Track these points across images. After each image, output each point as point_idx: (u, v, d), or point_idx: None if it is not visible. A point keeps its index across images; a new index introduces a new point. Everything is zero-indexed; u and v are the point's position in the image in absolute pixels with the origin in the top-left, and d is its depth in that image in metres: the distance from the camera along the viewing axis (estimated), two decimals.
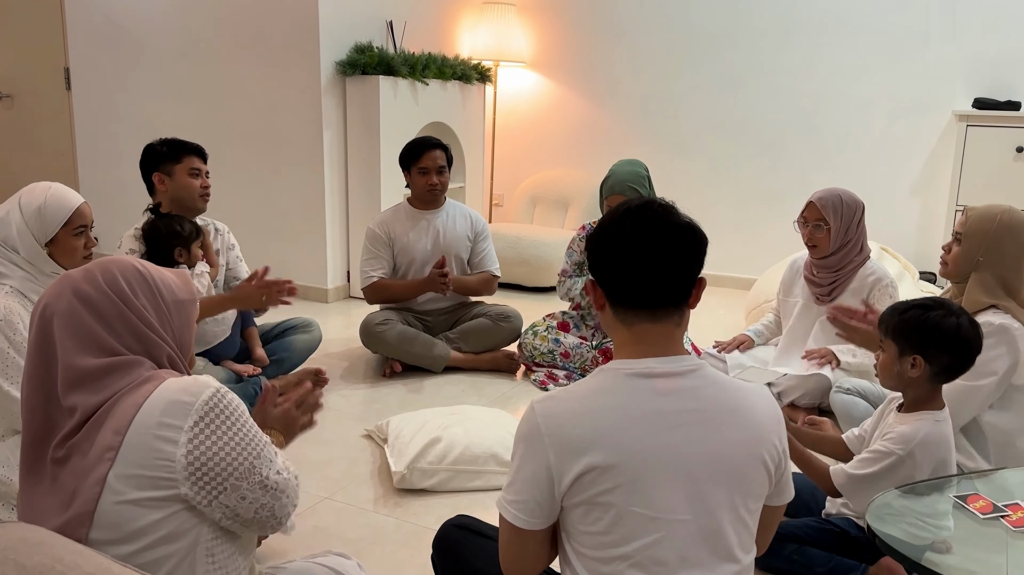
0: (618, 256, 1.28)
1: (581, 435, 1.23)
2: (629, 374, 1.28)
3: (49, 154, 5.67)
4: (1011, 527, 1.58)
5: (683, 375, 1.28)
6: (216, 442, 1.26)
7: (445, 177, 3.58)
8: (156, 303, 1.36)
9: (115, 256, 1.40)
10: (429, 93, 4.91)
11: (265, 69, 4.65)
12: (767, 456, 1.29)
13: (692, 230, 1.30)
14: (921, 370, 1.81)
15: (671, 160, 5.43)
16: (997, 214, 2.24)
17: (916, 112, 4.83)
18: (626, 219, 1.29)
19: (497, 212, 6.02)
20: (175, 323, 1.38)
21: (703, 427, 1.25)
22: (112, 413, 1.24)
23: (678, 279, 1.28)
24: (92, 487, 1.21)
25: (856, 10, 4.87)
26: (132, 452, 1.22)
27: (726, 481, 1.25)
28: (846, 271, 3.04)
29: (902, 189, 4.93)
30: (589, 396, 1.27)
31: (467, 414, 2.74)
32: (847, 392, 2.77)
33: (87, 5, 5.21)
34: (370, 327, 3.53)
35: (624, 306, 1.30)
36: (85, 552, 1.04)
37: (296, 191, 4.70)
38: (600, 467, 1.21)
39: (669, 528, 1.22)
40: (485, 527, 1.64)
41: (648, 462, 1.22)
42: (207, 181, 3.03)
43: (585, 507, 1.24)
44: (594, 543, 1.24)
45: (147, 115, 5.14)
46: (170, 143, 3.03)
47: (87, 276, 1.32)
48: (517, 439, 1.30)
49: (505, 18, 5.52)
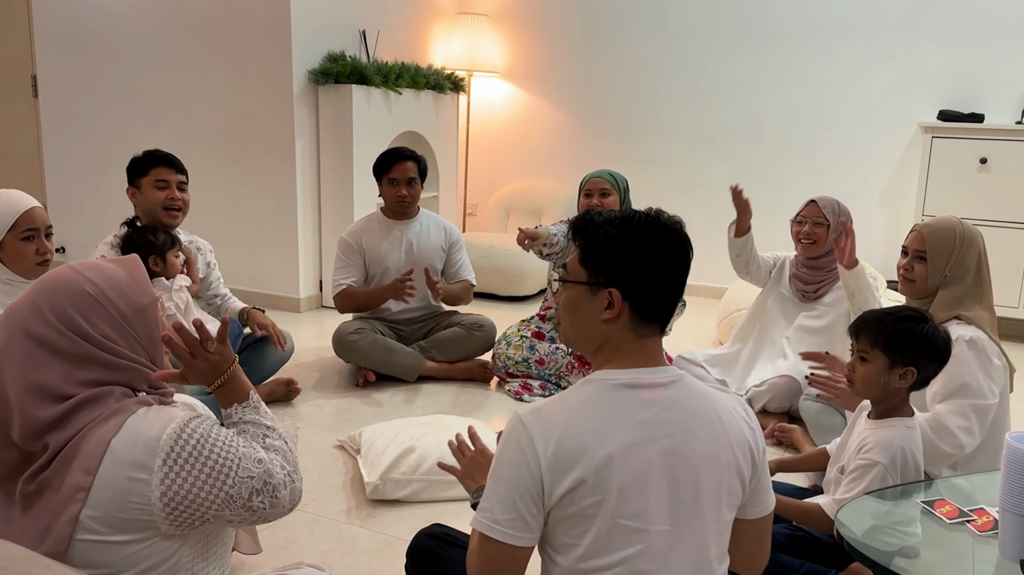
0: (666, 270, 1.30)
1: (571, 448, 1.22)
2: (616, 385, 1.28)
3: (16, 162, 5.58)
4: (977, 531, 1.61)
5: (666, 386, 1.30)
6: (187, 479, 1.21)
7: (415, 189, 3.57)
8: (116, 324, 1.27)
9: (60, 274, 1.28)
10: (402, 102, 4.91)
11: (237, 77, 4.62)
12: (743, 465, 1.31)
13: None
14: (910, 381, 1.83)
15: (644, 170, 5.47)
16: (955, 228, 2.28)
17: (883, 124, 4.92)
18: (676, 238, 1.31)
19: (471, 222, 6.02)
20: (141, 335, 1.30)
21: (685, 438, 1.26)
22: (80, 450, 1.19)
23: (676, 304, 1.35)
24: (64, 527, 1.17)
25: (824, 25, 4.94)
26: (104, 493, 1.18)
27: (707, 491, 1.26)
28: (834, 273, 3.17)
29: (869, 200, 5.00)
30: (576, 408, 1.27)
31: (441, 424, 2.73)
32: (816, 400, 2.80)
33: (55, 12, 5.15)
34: (342, 337, 3.52)
35: (650, 319, 1.31)
36: (53, 566, 1.02)
37: (268, 200, 4.68)
38: (588, 481, 1.21)
39: (652, 539, 1.23)
40: (459, 536, 1.64)
41: (634, 474, 1.23)
42: (176, 193, 2.91)
43: (571, 521, 1.23)
44: (577, 555, 1.24)
45: (115, 123, 5.09)
46: (145, 155, 2.96)
47: (35, 312, 1.23)
48: (502, 453, 1.27)
49: (478, 28, 5.54)
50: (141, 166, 2.94)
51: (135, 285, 1.31)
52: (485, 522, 1.24)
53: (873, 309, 1.99)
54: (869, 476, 1.81)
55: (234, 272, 4.83)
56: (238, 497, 1.26)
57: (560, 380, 3.47)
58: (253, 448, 1.32)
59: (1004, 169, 4.33)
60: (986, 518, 1.64)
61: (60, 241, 5.50)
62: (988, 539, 1.58)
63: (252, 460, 1.29)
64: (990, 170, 4.36)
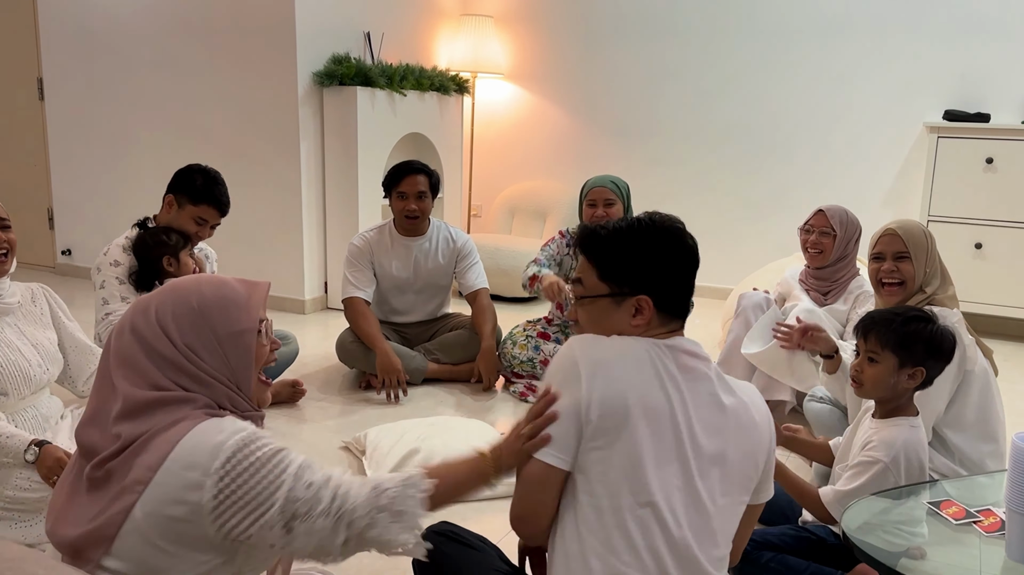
0: (685, 271, 1.44)
1: (615, 374, 1.34)
2: (662, 345, 1.39)
3: (22, 164, 5.60)
4: (983, 532, 1.60)
5: (700, 359, 1.41)
6: (240, 488, 1.21)
7: (425, 203, 3.49)
8: (206, 340, 1.29)
9: (183, 282, 1.34)
10: (407, 104, 4.92)
11: (242, 79, 4.63)
12: (760, 458, 1.41)
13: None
14: (919, 381, 1.85)
15: (648, 171, 5.47)
16: (920, 225, 2.42)
17: (888, 124, 4.91)
18: (681, 235, 1.44)
19: (475, 223, 6.03)
20: (231, 358, 1.31)
21: (715, 412, 1.37)
22: (148, 447, 1.22)
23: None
24: (117, 514, 1.20)
25: (830, 25, 4.94)
26: (160, 491, 1.19)
27: (726, 470, 1.36)
28: (840, 282, 3.13)
29: (874, 200, 4.99)
30: (621, 342, 1.39)
31: (446, 425, 2.73)
32: (820, 401, 2.80)
33: (61, 15, 5.17)
34: (345, 344, 3.51)
35: (674, 316, 1.44)
36: (59, 567, 1.03)
37: (273, 202, 4.68)
38: (624, 405, 1.32)
39: (674, 492, 1.32)
40: (466, 534, 1.64)
41: (665, 423, 1.33)
42: (208, 233, 2.96)
43: (601, 451, 1.32)
44: (603, 491, 1.31)
45: (121, 126, 5.11)
46: (207, 181, 2.92)
47: (145, 309, 1.30)
48: (550, 376, 1.39)
49: (483, 30, 5.55)
50: (195, 194, 2.89)
51: (242, 310, 1.33)
52: (536, 442, 1.36)
53: (880, 310, 2.00)
54: (870, 472, 1.82)
55: (239, 274, 4.81)
56: (280, 521, 1.23)
57: None
58: (318, 473, 1.29)
59: (1010, 169, 4.31)
60: (993, 519, 1.64)
61: (65, 243, 5.52)
62: (995, 540, 1.58)
63: (305, 483, 1.27)
64: (996, 170, 4.34)
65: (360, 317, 3.46)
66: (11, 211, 5.82)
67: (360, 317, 3.46)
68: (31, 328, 2.34)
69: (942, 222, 4.48)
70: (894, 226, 2.39)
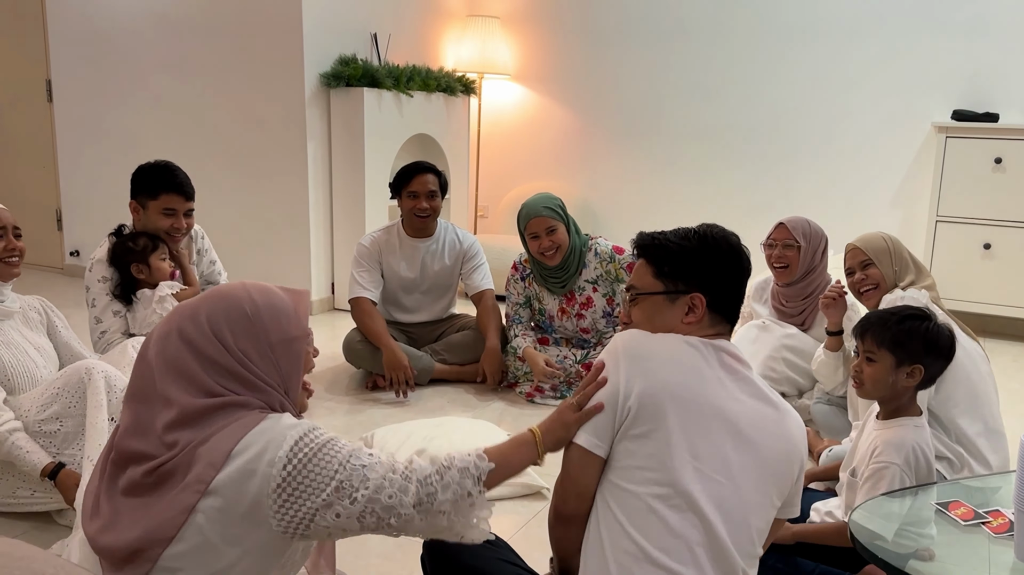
0: (738, 275, 1.52)
1: (654, 367, 1.40)
2: (708, 344, 1.46)
3: (31, 166, 5.63)
4: (992, 534, 1.60)
5: (743, 366, 1.47)
6: (304, 479, 1.23)
7: (436, 202, 3.51)
8: (260, 346, 1.31)
9: (231, 288, 1.34)
10: (414, 105, 4.93)
11: (249, 81, 4.64)
12: (794, 461, 1.45)
13: None
14: (917, 379, 1.84)
15: (654, 171, 5.47)
16: (879, 233, 2.52)
17: (896, 124, 4.89)
18: (741, 247, 1.55)
19: (482, 224, 6.03)
20: (281, 364, 1.33)
21: (754, 412, 1.42)
22: (209, 445, 1.23)
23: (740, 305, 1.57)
24: (179, 515, 1.19)
25: (836, 25, 4.93)
26: (224, 487, 1.20)
27: (762, 467, 1.40)
28: (814, 296, 2.99)
29: (883, 201, 4.98)
30: (665, 338, 1.46)
31: (452, 426, 2.73)
32: (828, 403, 2.80)
33: (69, 17, 5.19)
34: (352, 345, 3.52)
35: (725, 318, 1.52)
36: (67, 566, 1.03)
37: (280, 203, 4.70)
38: (662, 397, 1.37)
39: (708, 483, 1.36)
40: None
41: (705, 417, 1.38)
42: (182, 221, 2.78)
43: (637, 441, 1.38)
44: (640, 479, 1.36)
45: (129, 127, 5.13)
46: (157, 172, 2.77)
47: (194, 317, 1.30)
48: (596, 369, 1.46)
49: (489, 30, 5.55)
50: (151, 187, 2.75)
51: (292, 318, 1.35)
52: (580, 432, 1.43)
53: (877, 310, 2.01)
54: (886, 479, 1.80)
55: (246, 274, 4.85)
56: (341, 501, 1.25)
57: (571, 385, 3.45)
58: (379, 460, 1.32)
59: (1019, 169, 4.30)
60: (1001, 520, 1.63)
61: (73, 244, 5.54)
62: (1004, 541, 1.57)
63: (365, 454, 1.31)
64: (1005, 170, 4.33)
65: (367, 317, 3.46)
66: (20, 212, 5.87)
67: (367, 317, 3.46)
68: (31, 333, 2.40)
69: (951, 222, 4.46)
70: (854, 242, 2.54)
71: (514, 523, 2.38)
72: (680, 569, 1.32)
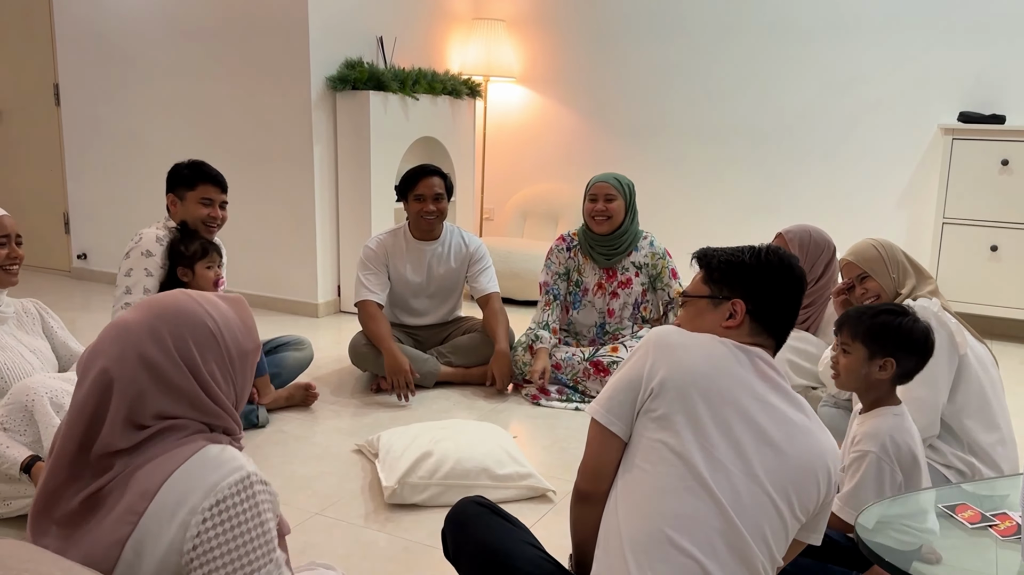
0: (783, 287, 1.55)
1: (682, 355, 1.44)
2: (740, 347, 1.49)
3: (38, 169, 5.65)
4: (999, 537, 1.59)
5: (779, 375, 1.49)
6: (224, 534, 1.14)
7: (442, 204, 3.52)
8: (223, 364, 1.24)
9: (181, 302, 1.24)
10: (419, 108, 4.93)
11: (255, 84, 4.66)
12: (820, 477, 1.44)
13: None
14: (890, 372, 1.88)
15: (661, 172, 5.46)
16: (868, 241, 2.47)
17: (902, 126, 4.88)
18: (803, 274, 1.57)
19: (488, 226, 6.03)
20: (237, 379, 1.27)
21: (779, 419, 1.44)
22: (143, 472, 1.15)
23: (792, 324, 1.59)
24: (112, 548, 1.13)
25: (843, 25, 4.92)
26: (152, 523, 1.13)
27: (783, 470, 1.40)
28: (817, 305, 2.98)
29: (889, 202, 4.96)
30: (701, 338, 1.50)
31: (458, 428, 2.73)
32: (835, 406, 2.79)
33: (77, 21, 5.22)
34: (358, 348, 3.52)
35: (767, 330, 1.55)
36: (75, 569, 1.03)
37: (286, 206, 4.71)
38: (685, 382, 1.41)
39: (726, 474, 1.38)
40: (503, 510, 1.66)
41: (728, 411, 1.41)
42: (218, 211, 2.99)
43: (659, 424, 1.42)
44: (656, 459, 1.40)
45: (136, 131, 5.15)
46: (192, 167, 2.99)
47: (155, 336, 1.19)
48: (629, 360, 1.51)
49: (495, 34, 5.56)
50: (188, 180, 2.96)
51: (244, 329, 1.29)
52: (593, 405, 1.51)
53: (858, 306, 2.07)
54: (863, 466, 1.85)
55: (252, 277, 4.86)
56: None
57: (577, 384, 3.46)
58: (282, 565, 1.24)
59: None
60: (1008, 523, 1.62)
61: (81, 247, 5.56)
62: (1010, 544, 1.56)
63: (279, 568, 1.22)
64: (1012, 172, 4.31)
65: (371, 320, 3.47)
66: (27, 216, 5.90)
67: (371, 320, 3.47)
68: (26, 336, 2.42)
69: (957, 224, 4.45)
70: (846, 256, 2.51)
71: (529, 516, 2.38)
72: (695, 552, 1.33)
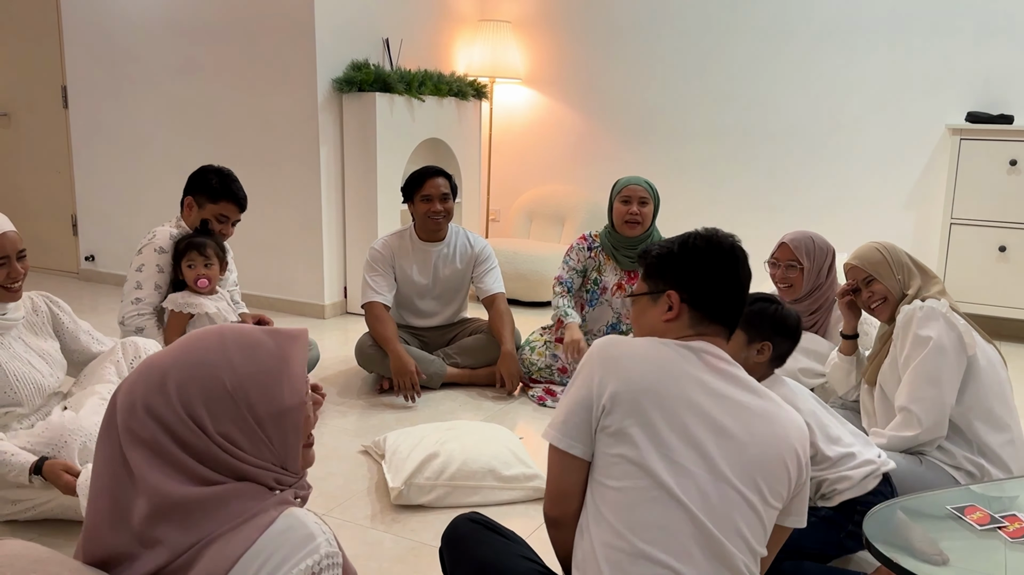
0: (719, 272, 1.51)
1: (628, 365, 1.42)
2: (685, 345, 1.47)
3: (46, 171, 5.68)
4: (1008, 538, 1.58)
5: (730, 363, 1.48)
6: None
7: (449, 204, 3.54)
8: (244, 425, 1.07)
9: (207, 347, 1.09)
10: (425, 110, 4.94)
11: (262, 86, 4.67)
12: (788, 460, 1.42)
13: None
14: (767, 355, 2.04)
15: (666, 174, 5.46)
16: (871, 244, 2.46)
17: (909, 126, 4.87)
18: (731, 250, 1.53)
19: (494, 227, 6.03)
20: (275, 441, 1.10)
21: (736, 409, 1.42)
22: (203, 557, 1.02)
23: (743, 308, 1.55)
24: None
25: (850, 24, 4.91)
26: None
27: (747, 461, 1.38)
28: (823, 310, 2.97)
29: (896, 203, 4.95)
30: (646, 346, 1.47)
31: (464, 429, 2.73)
32: (843, 406, 2.78)
33: (85, 24, 5.24)
34: (364, 349, 3.53)
35: (711, 319, 1.51)
36: (84, 570, 1.03)
37: (293, 207, 4.71)
38: (636, 394, 1.39)
39: (691, 476, 1.36)
40: (498, 524, 1.65)
41: (682, 412, 1.39)
42: (230, 230, 3.07)
43: (616, 438, 1.39)
44: (620, 473, 1.37)
45: (144, 133, 5.16)
46: (222, 179, 3.01)
47: (160, 389, 1.06)
48: (575, 379, 1.49)
49: (500, 35, 5.56)
50: (214, 193, 2.99)
51: (284, 382, 1.10)
52: (548, 430, 1.48)
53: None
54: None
55: (259, 279, 4.87)
56: None
57: None
58: None
59: None
60: (1018, 524, 1.62)
61: (89, 249, 5.58)
62: (1020, 546, 1.56)
63: None
64: (1020, 172, 4.29)
65: (377, 322, 3.47)
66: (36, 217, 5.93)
67: (377, 322, 3.47)
68: (35, 339, 2.38)
69: (965, 225, 4.43)
70: (849, 259, 2.50)
71: (526, 526, 2.38)
72: (670, 561, 1.32)
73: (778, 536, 1.50)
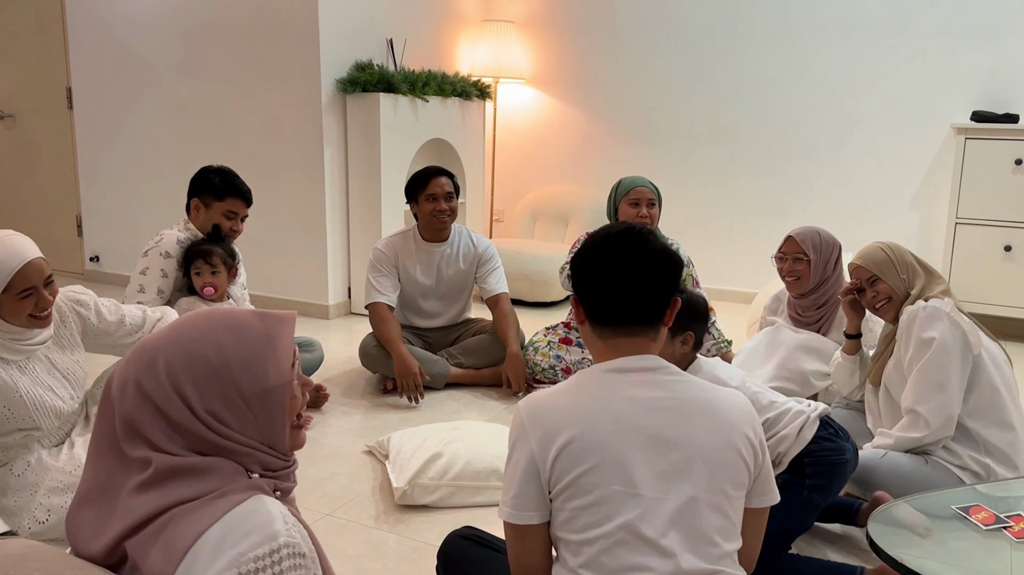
0: (597, 277, 1.40)
1: (559, 418, 1.34)
2: (605, 370, 1.39)
3: (51, 173, 5.69)
4: (1014, 538, 1.58)
5: (655, 370, 1.39)
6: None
7: (454, 203, 3.54)
8: (230, 401, 1.10)
9: (196, 326, 1.14)
10: (429, 110, 4.94)
11: (266, 87, 4.67)
12: (740, 446, 1.36)
13: (666, 255, 1.41)
14: (691, 343, 2.07)
15: (671, 174, 5.45)
16: (876, 244, 2.46)
17: (914, 125, 4.85)
18: (606, 243, 1.41)
19: (498, 228, 6.04)
20: (260, 418, 1.13)
21: (674, 414, 1.35)
22: (168, 529, 1.05)
23: (652, 300, 1.40)
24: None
25: (855, 23, 4.90)
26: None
27: (700, 464, 1.32)
28: (830, 305, 2.98)
29: (901, 202, 4.94)
30: (568, 390, 1.39)
31: (468, 429, 2.73)
32: (847, 407, 2.77)
33: (89, 25, 5.25)
34: (368, 350, 3.53)
35: (601, 323, 1.42)
36: (86, 567, 1.04)
37: (297, 208, 4.72)
38: (576, 444, 1.31)
39: (649, 504, 1.29)
40: (490, 538, 1.64)
41: (623, 442, 1.31)
42: (240, 226, 3.07)
43: (569, 492, 1.31)
44: (581, 526, 1.30)
45: (149, 134, 5.17)
46: (224, 177, 3.02)
47: (151, 365, 1.10)
48: (509, 442, 1.39)
49: (504, 35, 5.56)
50: (219, 191, 3.00)
51: (270, 362, 1.13)
52: (500, 506, 1.38)
53: None
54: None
55: (263, 279, 4.88)
56: None
57: None
58: None
59: None
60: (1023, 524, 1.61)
61: (94, 250, 5.59)
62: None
63: None
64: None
65: (381, 322, 3.48)
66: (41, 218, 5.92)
67: (381, 322, 3.48)
68: (61, 355, 2.26)
69: (970, 224, 4.42)
70: (854, 259, 2.50)
71: None
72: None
73: (755, 520, 1.45)
